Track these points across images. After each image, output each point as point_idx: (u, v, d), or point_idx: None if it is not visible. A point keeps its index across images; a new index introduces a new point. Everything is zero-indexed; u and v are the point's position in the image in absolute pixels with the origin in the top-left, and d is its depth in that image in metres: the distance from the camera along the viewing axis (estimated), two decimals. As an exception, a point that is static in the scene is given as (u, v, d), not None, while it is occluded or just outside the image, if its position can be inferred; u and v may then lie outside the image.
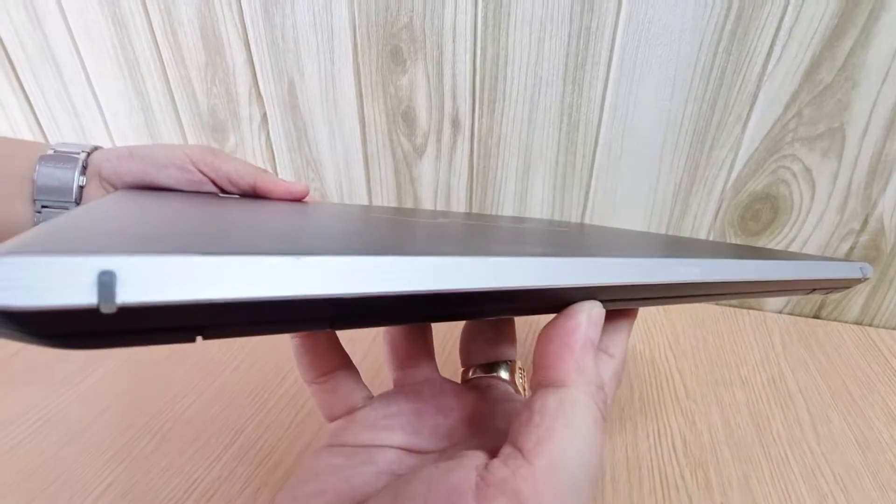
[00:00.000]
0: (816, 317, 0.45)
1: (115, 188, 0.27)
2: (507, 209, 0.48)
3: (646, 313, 0.45)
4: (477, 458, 0.13)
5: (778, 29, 0.34)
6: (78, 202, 0.26)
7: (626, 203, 0.44)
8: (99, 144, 0.28)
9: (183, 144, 0.28)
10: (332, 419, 0.19)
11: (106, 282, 0.08)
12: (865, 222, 0.39)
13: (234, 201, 0.25)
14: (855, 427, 0.33)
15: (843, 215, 0.40)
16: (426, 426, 0.18)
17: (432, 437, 0.18)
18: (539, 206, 0.46)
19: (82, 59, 0.53)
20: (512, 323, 0.24)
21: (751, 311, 0.45)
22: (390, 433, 0.18)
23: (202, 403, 0.34)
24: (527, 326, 0.41)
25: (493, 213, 0.48)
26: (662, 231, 0.44)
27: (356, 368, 0.20)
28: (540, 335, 0.15)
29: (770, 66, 0.36)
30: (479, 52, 0.41)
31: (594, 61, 0.39)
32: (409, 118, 0.46)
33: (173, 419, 0.33)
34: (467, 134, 0.45)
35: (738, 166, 0.40)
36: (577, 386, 0.13)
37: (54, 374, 0.37)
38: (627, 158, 0.42)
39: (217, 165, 0.28)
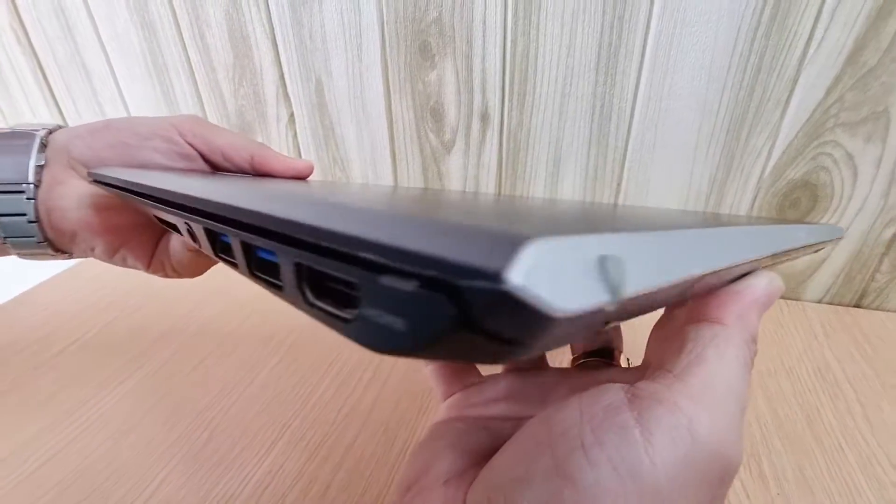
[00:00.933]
0: (857, 306, 0.44)
1: (90, 167, 0.22)
2: (538, 203, 0.47)
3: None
4: (618, 387, 0.13)
5: (820, 11, 0.34)
6: (38, 185, 0.23)
7: (659, 194, 0.43)
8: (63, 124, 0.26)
9: (168, 115, 0.25)
10: (447, 397, 0.21)
11: (614, 270, 0.06)
12: (910, 208, 0.39)
13: (250, 180, 0.23)
14: (909, 416, 0.32)
15: (886, 201, 0.39)
16: (533, 398, 0.19)
17: (540, 406, 0.18)
18: (570, 199, 0.46)
19: (111, 65, 0.54)
20: None
21: (789, 302, 0.44)
22: (501, 405, 0.19)
23: (245, 400, 0.35)
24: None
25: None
26: (697, 221, 0.44)
27: None
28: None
29: (811, 51, 0.35)
30: (508, 45, 0.41)
31: (627, 51, 0.38)
32: (437, 114, 0.46)
33: (219, 416, 0.33)
34: (496, 128, 0.45)
35: (776, 154, 0.39)
36: (735, 328, 0.13)
37: (99, 373, 0.37)
38: (661, 149, 0.41)
39: (209, 138, 0.25)
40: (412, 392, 0.35)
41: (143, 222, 0.26)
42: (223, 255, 0.13)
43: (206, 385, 0.36)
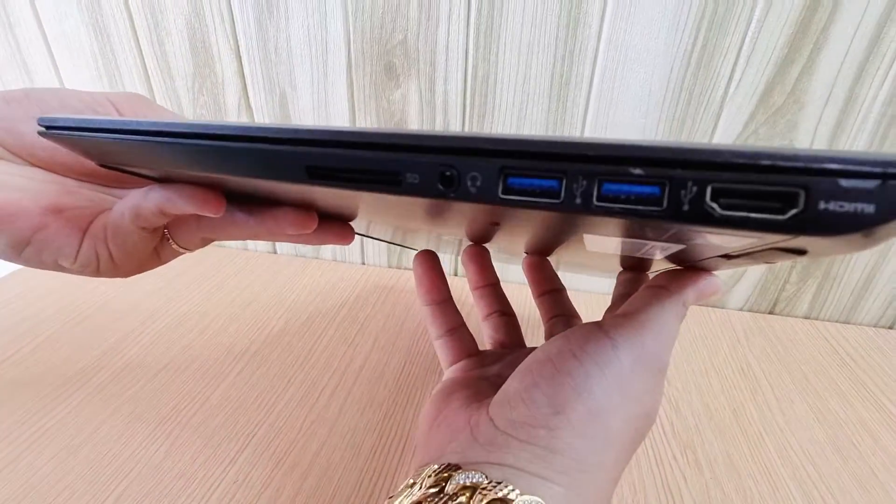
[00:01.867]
0: (772, 312, 0.50)
1: (3, 143, 0.21)
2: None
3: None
4: (591, 322, 0.20)
5: (738, 57, 0.39)
6: None
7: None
8: None
9: (101, 91, 0.23)
10: (451, 364, 0.27)
11: None
12: (812, 227, 0.45)
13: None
14: (814, 407, 0.37)
15: (793, 221, 0.45)
16: (517, 361, 0.22)
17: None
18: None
19: (56, 66, 0.51)
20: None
21: (716, 310, 0.49)
22: (496, 367, 0.26)
23: (206, 411, 0.34)
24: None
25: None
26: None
27: (468, 328, 0.29)
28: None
29: (731, 89, 0.40)
30: (470, 70, 0.44)
31: (577, 81, 0.42)
32: (400, 131, 0.48)
33: (178, 428, 0.32)
34: (457, 146, 0.47)
35: (704, 177, 0.44)
36: (676, 294, 0.20)
37: (39, 390, 0.35)
38: (606, 170, 0.46)
39: (150, 119, 0.22)
40: (377, 400, 0.36)
41: (69, 200, 0.22)
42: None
43: (163, 397, 0.35)
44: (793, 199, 0.10)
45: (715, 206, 0.10)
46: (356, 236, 0.24)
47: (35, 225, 0.21)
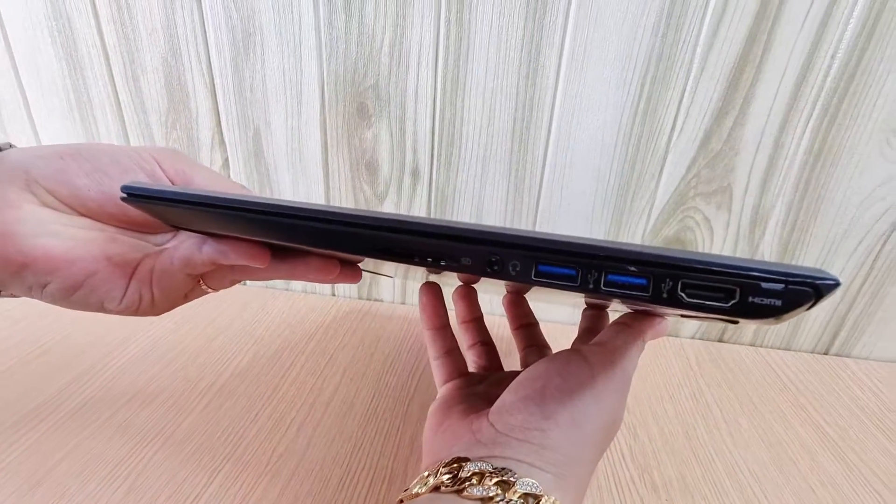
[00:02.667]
0: (721, 340, 0.53)
1: (56, 195, 0.22)
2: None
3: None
4: (568, 349, 0.24)
5: (679, 107, 0.43)
6: None
7: (566, 245, 0.50)
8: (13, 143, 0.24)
9: (146, 145, 0.26)
10: (445, 382, 0.30)
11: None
12: (752, 261, 0.49)
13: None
14: (759, 428, 0.40)
15: (734, 255, 0.49)
16: (504, 382, 0.25)
17: (505, 385, 0.26)
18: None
19: (25, 96, 0.51)
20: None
21: (670, 338, 0.52)
22: (483, 386, 0.29)
23: (171, 447, 0.34)
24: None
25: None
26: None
27: (461, 351, 0.32)
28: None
29: (675, 136, 0.44)
30: (437, 113, 0.47)
31: (537, 126, 0.46)
32: (371, 168, 0.50)
33: (140, 465, 0.32)
34: (426, 183, 0.50)
35: (654, 215, 0.48)
36: (637, 331, 0.25)
37: (1, 423, 0.34)
38: (565, 208, 0.49)
39: (188, 174, 0.25)
40: (346, 432, 0.36)
41: (115, 248, 0.23)
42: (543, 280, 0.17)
43: (125, 433, 0.34)
44: (733, 293, 0.15)
45: (683, 295, 0.15)
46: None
47: (88, 271, 0.23)
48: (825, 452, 0.38)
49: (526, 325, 0.34)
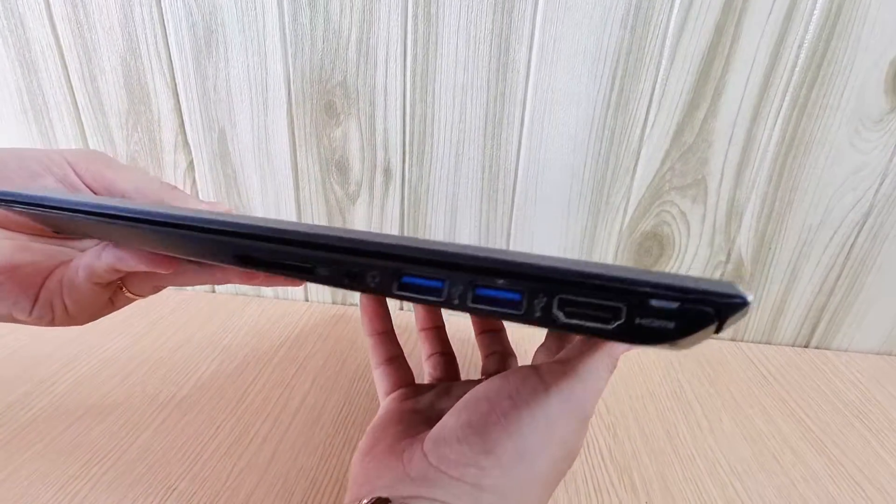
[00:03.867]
0: (702, 337, 0.52)
1: None
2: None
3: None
4: (526, 366, 0.21)
5: (651, 100, 0.43)
6: None
7: (543, 243, 0.49)
8: None
9: (61, 148, 0.24)
10: (388, 393, 0.28)
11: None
12: (729, 255, 0.48)
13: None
14: (741, 424, 0.39)
15: (711, 249, 0.48)
16: (453, 393, 0.24)
17: (455, 399, 0.23)
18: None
19: (-24, 102, 0.49)
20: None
21: (651, 335, 0.52)
22: (429, 396, 0.26)
23: (123, 465, 0.31)
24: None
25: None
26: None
27: (406, 359, 0.30)
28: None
29: (648, 130, 0.44)
30: (408, 109, 0.45)
31: (509, 121, 0.45)
32: (342, 167, 0.48)
33: (88, 486, 0.30)
34: (398, 182, 0.48)
35: (630, 210, 0.47)
36: (607, 350, 0.21)
37: (-72, 450, 0.31)
38: (541, 204, 0.48)
39: (109, 180, 0.23)
40: (313, 443, 0.34)
41: (24, 256, 0.22)
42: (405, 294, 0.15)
43: (74, 453, 0.32)
44: (617, 312, 0.12)
45: (560, 314, 0.13)
46: None
47: None
48: (807, 447, 0.37)
49: (491, 330, 0.32)
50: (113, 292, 0.25)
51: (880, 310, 0.49)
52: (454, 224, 0.49)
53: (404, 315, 0.53)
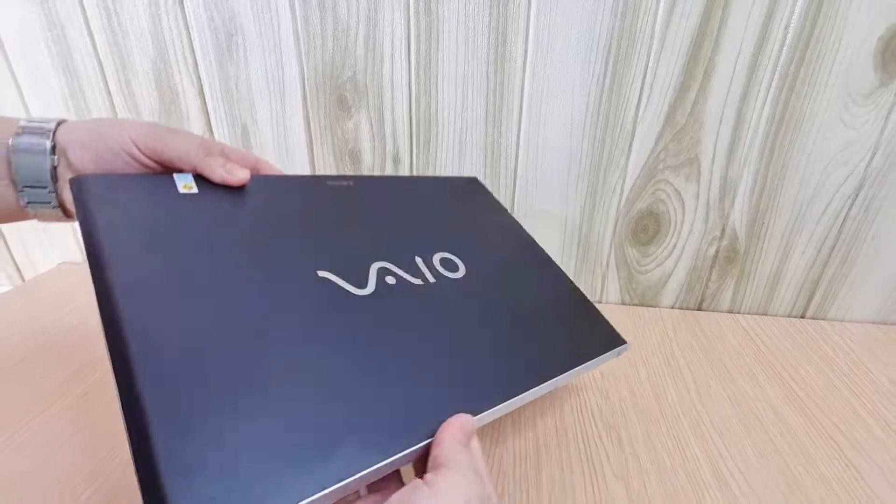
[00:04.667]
0: (699, 308, 0.55)
1: (80, 171, 0.28)
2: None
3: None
4: (417, 480, 0.21)
5: (643, 84, 0.45)
6: (55, 180, 0.29)
7: (544, 224, 0.52)
8: (63, 118, 0.29)
9: (129, 122, 0.28)
10: None
11: None
12: (723, 231, 0.50)
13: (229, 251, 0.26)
14: (728, 388, 0.42)
15: (706, 225, 0.50)
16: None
17: None
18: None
19: (27, 107, 0.54)
20: None
21: (649, 309, 0.54)
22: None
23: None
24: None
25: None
26: (574, 247, 0.53)
27: None
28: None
29: (641, 112, 0.46)
30: (413, 101, 0.49)
31: (508, 109, 0.48)
32: (355, 157, 0.52)
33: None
34: (407, 168, 0.52)
35: (626, 190, 0.50)
36: (448, 442, 0.23)
37: (28, 397, 0.37)
38: (542, 186, 0.51)
39: (159, 151, 0.28)
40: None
41: None
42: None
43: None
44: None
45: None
46: None
47: None
48: (788, 407, 0.40)
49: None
50: None
51: (876, 280, 0.50)
52: (460, 207, 0.53)
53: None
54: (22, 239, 0.64)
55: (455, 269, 0.33)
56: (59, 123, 0.29)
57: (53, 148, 0.28)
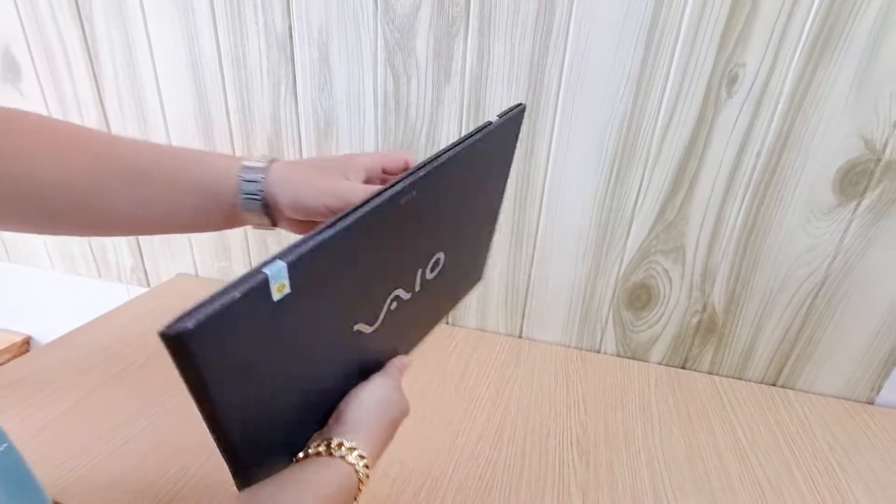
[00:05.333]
0: (683, 367, 0.65)
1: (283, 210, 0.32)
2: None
3: (567, 364, 0.64)
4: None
5: (640, 186, 0.57)
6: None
7: (557, 284, 0.65)
8: (275, 157, 0.33)
9: (324, 190, 0.32)
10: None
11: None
12: (704, 306, 0.61)
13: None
14: (686, 435, 0.52)
15: (690, 301, 0.61)
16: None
17: None
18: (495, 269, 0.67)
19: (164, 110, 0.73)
20: None
21: (638, 362, 0.65)
22: None
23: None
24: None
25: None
26: (579, 305, 0.65)
27: None
28: None
29: (638, 206, 0.58)
30: (460, 181, 0.63)
31: (532, 197, 0.61)
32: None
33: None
34: (450, 231, 0.66)
35: (624, 265, 0.61)
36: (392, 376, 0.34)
37: (155, 387, 0.54)
38: (556, 255, 0.63)
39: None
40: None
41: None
42: None
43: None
44: None
45: None
46: None
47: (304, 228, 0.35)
48: (731, 455, 0.50)
49: None
50: None
51: (838, 361, 0.59)
52: (490, 268, 0.66)
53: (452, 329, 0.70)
54: (152, 251, 0.83)
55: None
56: (271, 161, 0.33)
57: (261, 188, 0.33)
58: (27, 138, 0.32)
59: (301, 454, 0.29)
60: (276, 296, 0.23)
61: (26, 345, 0.99)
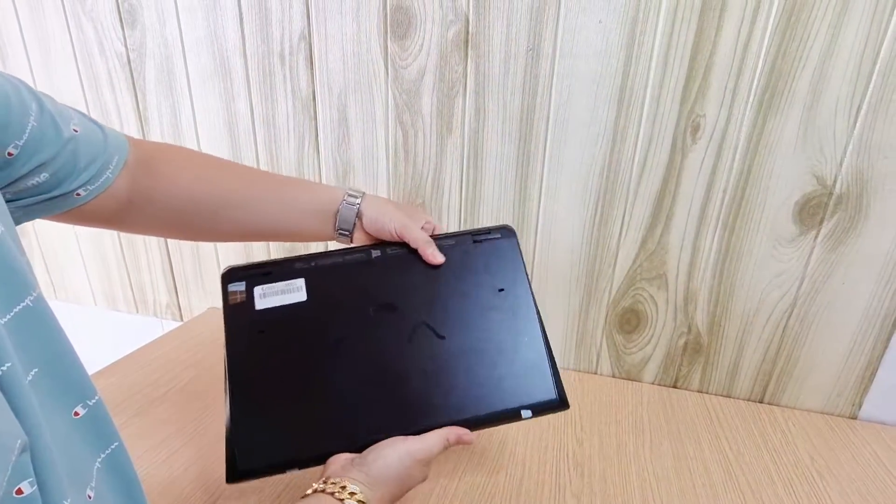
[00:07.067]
0: (674, 386, 0.70)
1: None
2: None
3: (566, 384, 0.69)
4: None
5: (622, 222, 0.64)
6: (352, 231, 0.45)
7: (553, 311, 0.71)
8: (361, 193, 0.46)
9: (398, 219, 0.44)
10: None
11: None
12: (689, 328, 0.66)
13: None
14: (675, 448, 0.57)
15: (676, 323, 0.66)
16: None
17: None
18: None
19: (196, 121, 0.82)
20: None
21: (632, 382, 0.70)
22: None
23: (293, 425, 0.58)
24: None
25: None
26: (575, 330, 0.71)
27: None
28: None
29: (622, 238, 0.65)
30: (462, 220, 0.70)
31: (527, 232, 0.68)
32: (419, 253, 0.74)
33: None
34: (455, 264, 0.73)
35: (613, 292, 0.67)
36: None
37: (192, 409, 0.60)
38: (552, 284, 0.70)
39: (406, 237, 0.44)
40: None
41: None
42: None
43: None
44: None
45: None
46: None
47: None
48: (717, 466, 0.54)
49: None
50: None
51: (817, 378, 0.64)
52: (491, 294, 0.73)
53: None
54: (186, 288, 0.91)
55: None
56: (363, 196, 0.46)
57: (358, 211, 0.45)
58: (183, 164, 0.44)
59: (315, 486, 0.34)
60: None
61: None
